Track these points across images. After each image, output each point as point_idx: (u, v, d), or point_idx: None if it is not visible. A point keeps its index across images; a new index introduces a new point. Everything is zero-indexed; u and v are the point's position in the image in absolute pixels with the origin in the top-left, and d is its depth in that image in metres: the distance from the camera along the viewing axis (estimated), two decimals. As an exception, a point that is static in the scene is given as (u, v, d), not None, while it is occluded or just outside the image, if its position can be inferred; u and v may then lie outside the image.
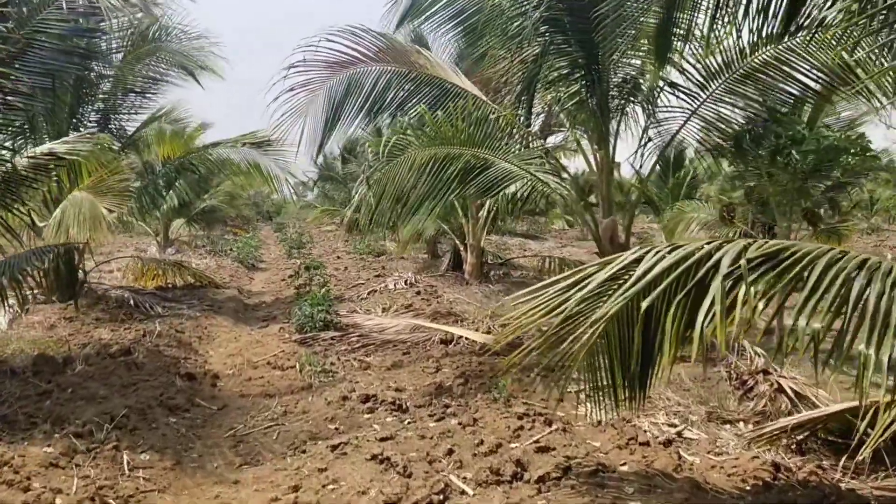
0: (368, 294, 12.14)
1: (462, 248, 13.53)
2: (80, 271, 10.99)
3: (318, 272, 12.65)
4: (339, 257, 19.33)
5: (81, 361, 6.57)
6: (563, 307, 3.66)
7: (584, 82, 7.53)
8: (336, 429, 5.49)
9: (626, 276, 3.59)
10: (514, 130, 7.61)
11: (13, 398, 5.50)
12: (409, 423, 5.53)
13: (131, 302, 10.18)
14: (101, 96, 10.98)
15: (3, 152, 6.36)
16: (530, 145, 7.83)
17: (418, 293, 11.55)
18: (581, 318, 3.61)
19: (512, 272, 14.54)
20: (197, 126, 13.20)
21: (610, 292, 3.60)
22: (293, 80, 7.13)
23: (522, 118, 7.88)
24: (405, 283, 12.46)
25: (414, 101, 7.58)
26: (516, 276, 13.93)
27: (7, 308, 7.45)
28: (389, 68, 7.50)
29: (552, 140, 10.59)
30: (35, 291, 10.72)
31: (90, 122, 11.16)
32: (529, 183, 7.17)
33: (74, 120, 10.74)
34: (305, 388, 6.72)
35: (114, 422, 5.21)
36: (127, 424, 5.24)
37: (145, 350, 7.35)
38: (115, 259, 14.26)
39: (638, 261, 3.58)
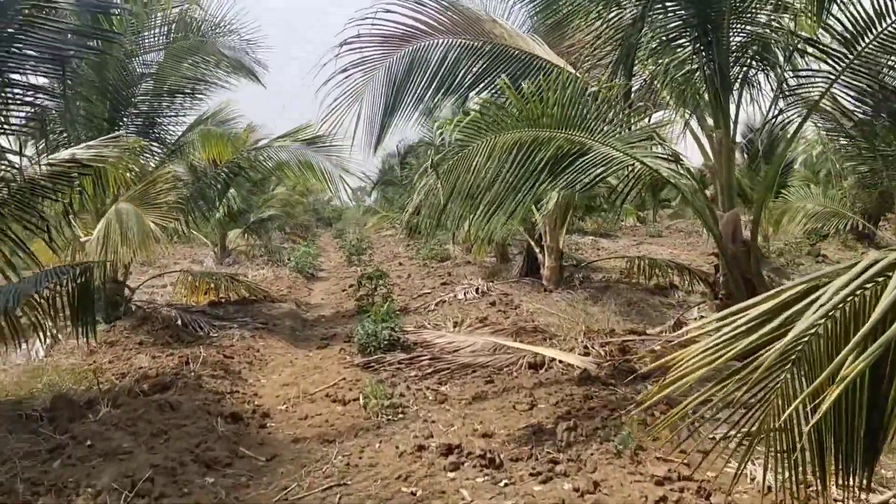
0: (436, 305, 10.95)
1: (538, 251, 12.21)
2: (126, 289, 10.16)
3: (381, 282, 11.55)
4: (401, 263, 18.24)
5: (107, 403, 5.54)
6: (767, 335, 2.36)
7: (696, 46, 6.16)
8: (413, 494, 4.27)
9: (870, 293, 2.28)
10: (614, 108, 6.27)
11: (18, 456, 4.47)
12: (505, 484, 4.27)
13: (178, 322, 9.24)
14: (141, 98, 10.06)
15: (12, 158, 5.36)
16: (631, 127, 6.49)
17: (493, 304, 10.30)
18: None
19: (591, 275, 13.14)
20: (245, 127, 12.28)
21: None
22: (346, 59, 5.98)
23: (621, 94, 6.55)
24: (476, 292, 11.24)
25: (489, 78, 6.33)
26: (598, 281, 12.52)
27: (44, 334, 6.50)
28: (459, 41, 6.28)
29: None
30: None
31: (133, 127, 10.30)
32: (636, 171, 5.85)
33: (115, 126, 9.88)
34: (371, 430, 5.55)
35: (135, 488, 4.13)
36: (152, 491, 4.15)
37: (184, 384, 6.29)
38: (167, 273, 13.45)
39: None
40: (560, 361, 6.59)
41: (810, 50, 6.07)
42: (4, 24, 4.76)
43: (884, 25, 5.70)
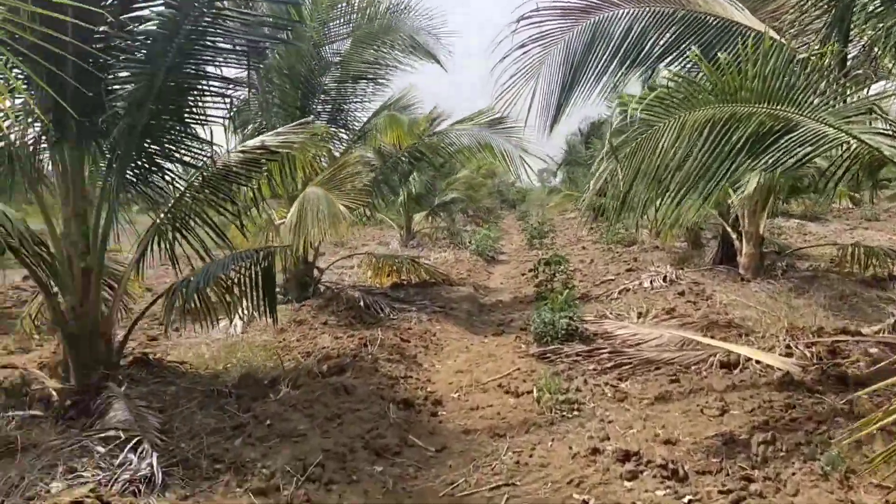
0: (619, 293, 10.40)
1: (734, 236, 11.20)
2: (316, 269, 10.65)
3: (561, 267, 11.18)
4: (583, 247, 17.71)
5: (288, 383, 5.73)
6: None
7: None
8: (585, 502, 3.96)
9: None
10: (826, 78, 5.42)
11: (205, 432, 4.71)
12: (689, 501, 3.83)
13: (361, 303, 9.51)
14: (329, 86, 10.44)
15: (206, 147, 5.65)
16: (847, 100, 5.59)
17: (681, 293, 9.58)
18: None
19: (796, 263, 11.85)
20: (428, 113, 12.38)
21: None
22: (524, 34, 5.67)
23: (836, 63, 5.66)
24: (664, 280, 10.53)
25: (679, 49, 5.74)
26: (804, 270, 11.27)
27: (242, 312, 6.89)
28: (648, 9, 5.74)
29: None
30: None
31: (324, 115, 10.72)
32: (852, 150, 5.02)
33: (306, 114, 10.33)
34: (544, 426, 5.29)
35: (306, 472, 4.18)
36: (321, 476, 4.18)
37: (360, 367, 6.38)
38: (355, 255, 14.00)
39: None
40: (757, 362, 5.90)
41: None
42: (196, 17, 4.99)
43: None
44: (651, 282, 10.55)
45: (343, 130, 10.73)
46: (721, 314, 7.98)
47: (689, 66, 5.92)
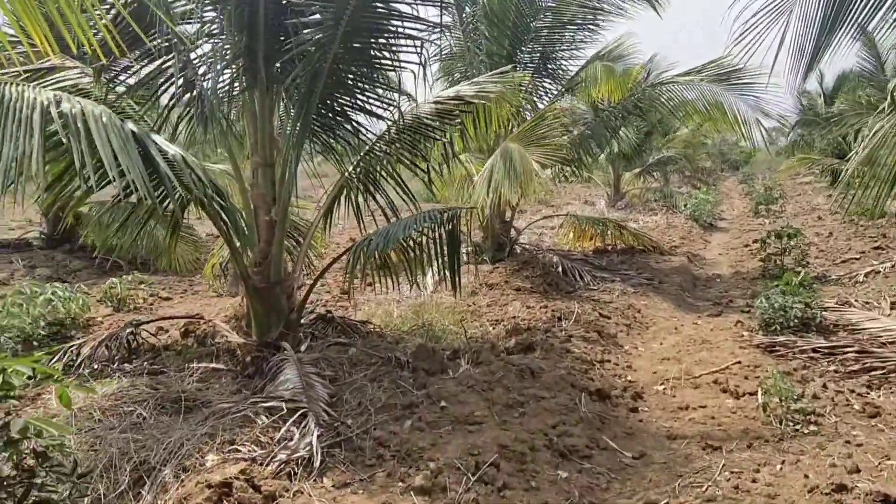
0: (866, 276, 8.73)
1: None
2: (513, 229, 10.08)
3: (794, 241, 9.61)
4: (819, 218, 15.45)
5: (469, 358, 5.20)
6: None
7: None
8: (829, 566, 3.01)
9: None
10: None
11: (374, 408, 4.32)
12: None
13: (558, 269, 8.81)
14: (538, 34, 9.62)
15: (397, 96, 5.18)
16: None
17: (953, 281, 7.79)
18: None
19: None
20: (643, 63, 11.14)
21: None
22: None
23: None
24: (928, 264, 8.67)
25: None
26: None
27: (434, 270, 6.51)
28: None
29: None
30: (468, 249, 10.17)
31: (531, 65, 9.96)
32: None
33: (513, 63, 9.64)
34: (771, 441, 4.30)
35: (478, 471, 3.61)
36: (495, 478, 3.59)
37: (550, 346, 5.69)
38: (556, 215, 13.24)
39: None
40: None
41: None
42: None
43: None
44: (910, 264, 8.73)
45: (549, 81, 9.91)
46: None
47: None
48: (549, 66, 9.93)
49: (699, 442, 4.34)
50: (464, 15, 9.70)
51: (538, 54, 9.89)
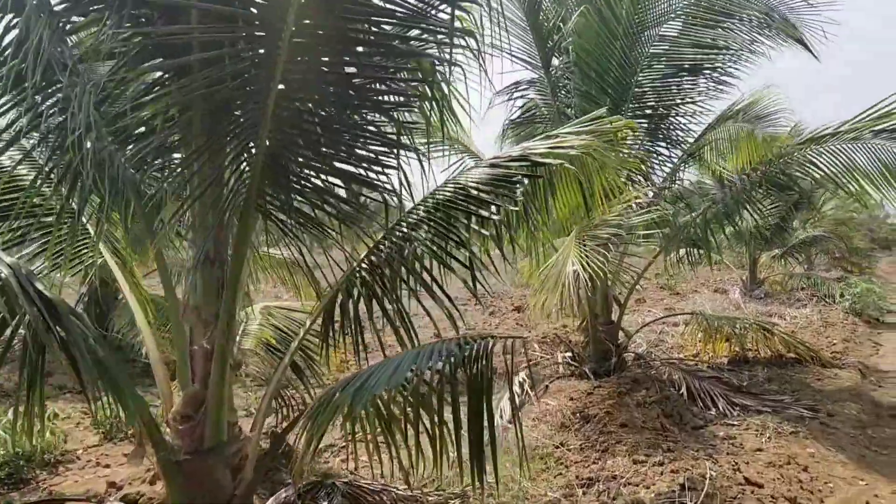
0: None
1: None
2: (621, 332, 7.86)
3: None
4: None
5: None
6: None
7: None
8: None
9: None
10: None
11: None
12: None
13: (681, 391, 6.52)
14: (646, 85, 7.60)
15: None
16: None
17: None
18: None
19: None
20: (797, 123, 8.82)
21: None
22: None
23: None
24: None
25: None
26: None
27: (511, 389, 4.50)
28: None
29: None
30: (565, 356, 8.04)
31: (641, 124, 7.92)
32: None
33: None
34: None
35: None
36: None
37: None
38: (678, 314, 10.87)
39: None
40: None
41: None
42: None
43: None
44: None
45: (663, 145, 7.83)
46: None
47: None
48: (663, 126, 7.87)
49: None
50: (550, 69, 7.89)
51: (648, 111, 7.88)
